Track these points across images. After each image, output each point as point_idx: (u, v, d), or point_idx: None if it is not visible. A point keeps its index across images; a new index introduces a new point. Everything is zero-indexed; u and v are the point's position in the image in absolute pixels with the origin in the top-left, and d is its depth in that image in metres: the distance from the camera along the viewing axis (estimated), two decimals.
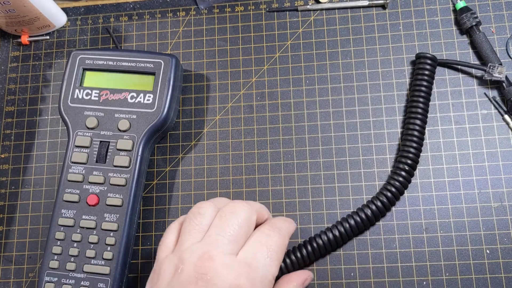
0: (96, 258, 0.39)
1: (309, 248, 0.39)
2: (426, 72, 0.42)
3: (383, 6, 0.46)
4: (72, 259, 0.39)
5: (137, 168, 0.41)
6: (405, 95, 0.44)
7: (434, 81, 0.43)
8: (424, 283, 0.40)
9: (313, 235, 0.40)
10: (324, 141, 0.44)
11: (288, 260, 0.39)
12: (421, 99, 0.41)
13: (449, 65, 0.44)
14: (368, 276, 0.40)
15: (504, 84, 0.42)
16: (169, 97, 0.41)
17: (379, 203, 0.39)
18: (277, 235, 0.34)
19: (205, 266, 0.31)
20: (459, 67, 0.44)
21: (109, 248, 0.39)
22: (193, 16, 0.48)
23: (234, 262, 0.32)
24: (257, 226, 0.36)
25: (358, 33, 0.46)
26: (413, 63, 0.44)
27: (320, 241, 0.39)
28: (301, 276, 0.37)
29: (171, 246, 0.34)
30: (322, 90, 0.45)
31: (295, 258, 0.39)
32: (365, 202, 0.40)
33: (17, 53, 0.49)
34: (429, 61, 0.42)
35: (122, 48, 0.48)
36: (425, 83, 0.41)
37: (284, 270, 0.38)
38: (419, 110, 0.41)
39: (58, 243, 0.40)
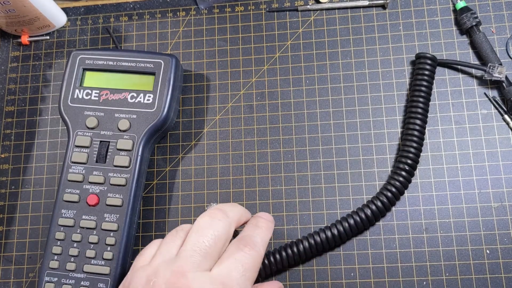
0: (96, 258, 0.39)
1: (306, 245, 0.39)
2: (426, 72, 0.42)
3: (383, 6, 0.46)
4: (72, 259, 0.39)
5: (137, 168, 0.41)
6: (405, 95, 0.44)
7: (434, 81, 0.43)
8: (424, 283, 0.40)
9: (312, 232, 0.40)
10: (324, 141, 0.44)
11: (284, 255, 0.39)
12: (421, 99, 0.41)
13: (449, 65, 0.44)
14: (368, 276, 0.40)
15: (504, 84, 0.42)
16: (169, 97, 0.41)
17: (379, 203, 0.39)
18: (254, 252, 0.33)
19: (177, 282, 0.30)
20: (459, 67, 0.44)
21: (109, 248, 0.39)
22: (193, 16, 0.48)
23: (207, 280, 0.31)
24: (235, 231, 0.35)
25: (358, 33, 0.46)
26: (413, 63, 0.44)
27: (318, 239, 0.39)
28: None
29: (149, 258, 0.34)
30: (322, 90, 0.45)
31: (292, 254, 0.39)
32: (365, 202, 0.40)
33: (17, 53, 0.49)
34: (429, 61, 0.42)
35: (122, 48, 0.48)
36: (425, 83, 0.41)
37: (279, 265, 0.39)
38: (419, 110, 0.41)
39: (58, 243, 0.40)
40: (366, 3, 0.46)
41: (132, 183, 0.40)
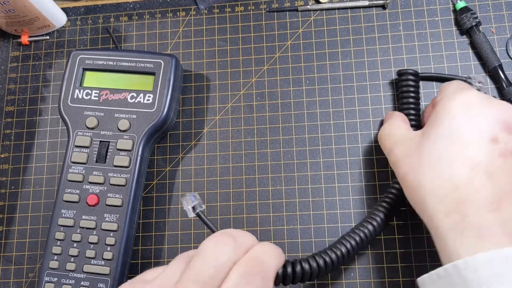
0: (96, 258, 0.39)
1: (314, 265, 0.34)
2: (411, 89, 0.41)
3: (383, 6, 0.46)
4: (72, 259, 0.39)
5: (137, 168, 0.41)
6: None
7: (422, 91, 0.43)
8: None
9: (323, 249, 0.36)
10: (324, 141, 0.44)
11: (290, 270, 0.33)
12: (411, 111, 0.41)
13: (430, 79, 0.43)
14: (368, 276, 0.40)
15: (504, 84, 0.42)
16: (169, 97, 0.41)
17: (381, 214, 0.38)
18: (259, 278, 0.28)
19: None
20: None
21: (109, 248, 0.39)
22: (193, 16, 0.48)
23: None
24: None
25: (358, 33, 0.46)
26: (396, 79, 0.44)
27: (328, 259, 0.35)
28: None
29: (152, 278, 0.29)
30: (322, 90, 0.45)
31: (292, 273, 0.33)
32: (364, 203, 0.40)
33: (17, 53, 0.49)
34: (411, 77, 0.42)
35: (122, 48, 0.48)
36: (411, 100, 0.41)
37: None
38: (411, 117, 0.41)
39: (58, 243, 0.40)
40: (366, 3, 0.46)
41: (132, 183, 0.40)
